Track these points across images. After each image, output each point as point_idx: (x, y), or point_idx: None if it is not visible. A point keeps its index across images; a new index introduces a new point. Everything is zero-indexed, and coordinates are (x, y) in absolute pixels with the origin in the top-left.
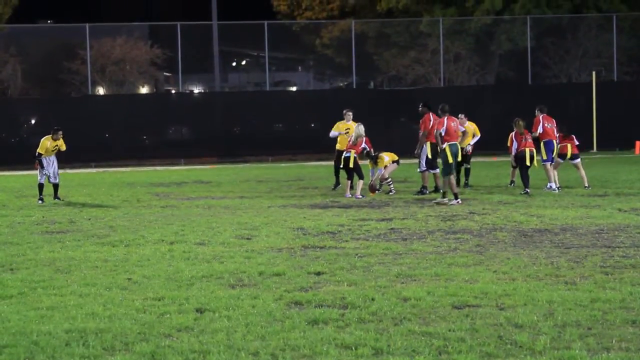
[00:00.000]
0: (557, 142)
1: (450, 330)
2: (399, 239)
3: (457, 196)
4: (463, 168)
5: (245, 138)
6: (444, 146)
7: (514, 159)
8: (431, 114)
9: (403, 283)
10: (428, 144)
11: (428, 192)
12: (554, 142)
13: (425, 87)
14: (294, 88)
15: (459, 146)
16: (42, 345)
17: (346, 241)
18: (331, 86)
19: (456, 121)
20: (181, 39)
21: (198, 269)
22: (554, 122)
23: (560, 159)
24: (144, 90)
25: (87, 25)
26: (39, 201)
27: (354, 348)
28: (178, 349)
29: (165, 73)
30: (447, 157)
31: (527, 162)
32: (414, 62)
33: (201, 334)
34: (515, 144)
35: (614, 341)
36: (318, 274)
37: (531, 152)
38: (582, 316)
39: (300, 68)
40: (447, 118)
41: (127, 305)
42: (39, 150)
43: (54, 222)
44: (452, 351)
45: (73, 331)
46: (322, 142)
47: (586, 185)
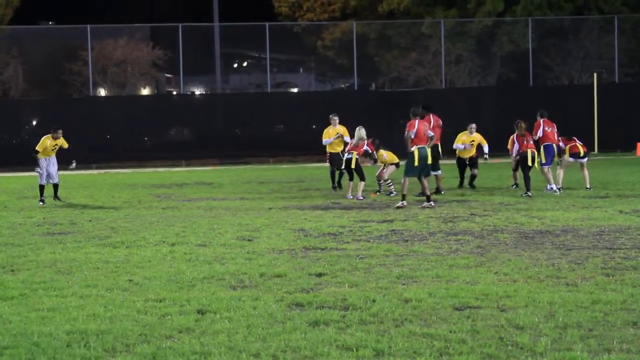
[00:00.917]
0: (557, 147)
1: (451, 331)
2: (400, 241)
3: (405, 197)
4: (470, 173)
5: (246, 139)
6: (413, 149)
7: (515, 161)
8: (432, 115)
9: (404, 284)
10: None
11: (442, 192)
12: (554, 146)
13: (426, 89)
14: (295, 89)
15: (466, 156)
16: (43, 346)
17: (347, 242)
18: (332, 88)
19: (427, 125)
20: (183, 41)
21: (199, 271)
22: (555, 126)
23: (571, 159)
24: (146, 91)
25: (89, 26)
26: (40, 202)
27: (355, 349)
28: (179, 350)
29: (166, 74)
30: (414, 160)
31: (529, 163)
32: (416, 64)
33: (202, 335)
34: (516, 146)
35: (615, 342)
36: (319, 275)
37: (533, 154)
38: (583, 318)
39: (301, 69)
40: (419, 121)
41: (128, 306)
42: (38, 147)
43: (55, 224)
44: (453, 352)
45: (74, 332)
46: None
47: (588, 186)
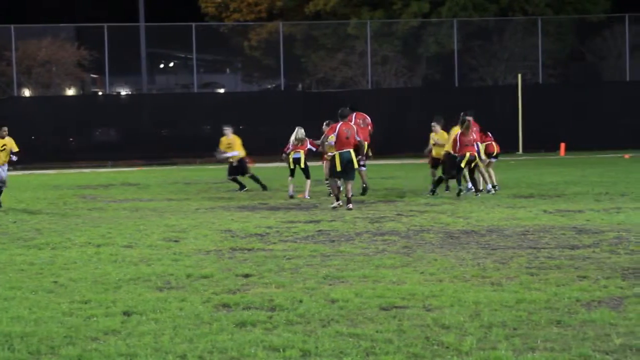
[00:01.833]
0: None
1: (377, 331)
2: (327, 241)
3: (338, 198)
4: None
5: (173, 140)
6: (334, 153)
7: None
8: (355, 115)
9: (331, 285)
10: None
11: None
12: (478, 145)
13: (353, 90)
14: (222, 90)
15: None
16: None
17: (274, 243)
18: (259, 88)
19: (351, 128)
20: (108, 41)
21: (125, 272)
22: (478, 127)
23: (492, 159)
24: (71, 92)
25: (12, 26)
26: None
27: (282, 350)
28: (105, 353)
29: (92, 75)
30: (336, 165)
31: (463, 165)
32: (342, 65)
33: (128, 337)
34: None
35: (539, 341)
36: (246, 276)
37: (472, 157)
38: (508, 317)
39: (228, 70)
40: (342, 124)
41: (54, 308)
42: None
43: None
44: (380, 352)
45: None
46: (251, 144)
47: (489, 186)
